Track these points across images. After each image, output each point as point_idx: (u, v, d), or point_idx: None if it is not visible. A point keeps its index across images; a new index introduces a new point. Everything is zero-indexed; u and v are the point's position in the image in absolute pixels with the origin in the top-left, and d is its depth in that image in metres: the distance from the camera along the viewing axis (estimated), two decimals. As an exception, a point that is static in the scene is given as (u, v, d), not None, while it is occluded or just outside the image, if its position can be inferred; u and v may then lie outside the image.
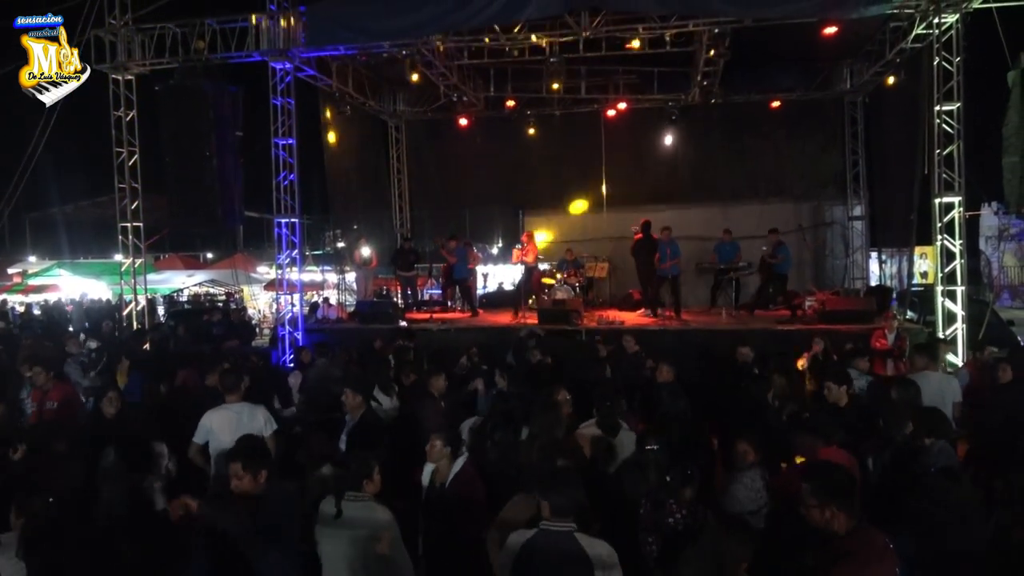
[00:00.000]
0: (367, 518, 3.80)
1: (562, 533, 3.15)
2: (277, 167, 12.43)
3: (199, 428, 5.28)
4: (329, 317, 14.73)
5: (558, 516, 3.19)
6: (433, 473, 4.54)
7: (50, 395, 6.68)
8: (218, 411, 5.32)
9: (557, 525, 3.17)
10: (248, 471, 3.62)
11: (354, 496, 3.84)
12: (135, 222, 13.49)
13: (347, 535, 3.76)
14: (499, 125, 17.20)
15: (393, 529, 3.82)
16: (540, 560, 3.13)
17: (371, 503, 3.86)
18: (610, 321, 12.38)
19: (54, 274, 25.25)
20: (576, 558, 3.10)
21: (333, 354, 9.08)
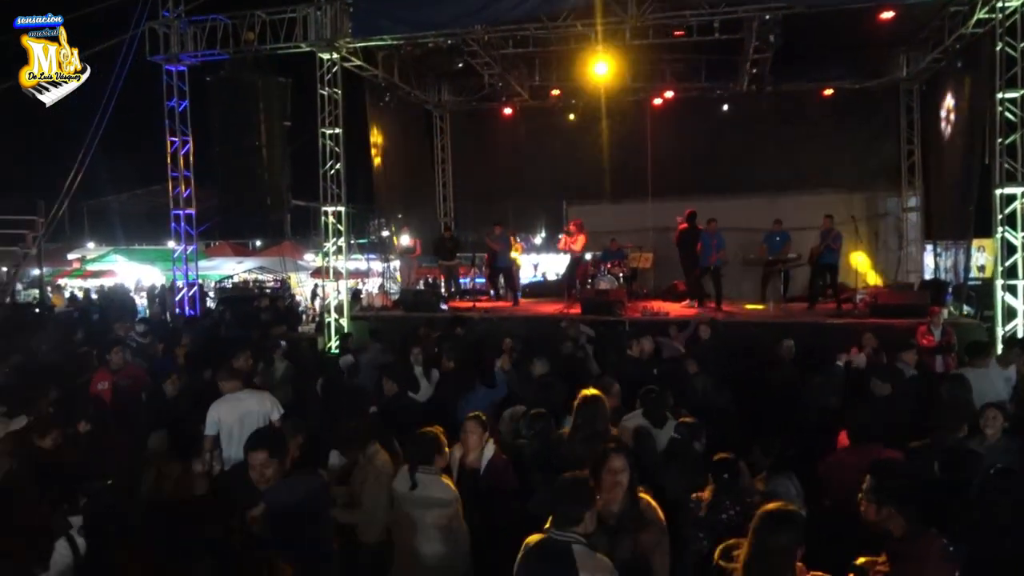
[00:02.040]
0: (437, 490, 4.03)
1: (561, 542, 3.09)
2: (324, 157, 12.60)
3: (208, 420, 5.31)
4: (374, 304, 14.91)
5: (559, 527, 3.13)
6: (462, 457, 4.59)
7: (122, 375, 6.91)
8: (224, 401, 5.39)
9: (562, 535, 3.11)
10: (275, 459, 3.65)
11: (425, 469, 4.05)
12: (187, 210, 13.83)
13: (419, 506, 4.01)
14: (543, 114, 17.13)
15: (459, 502, 4.07)
16: (535, 565, 3.11)
17: (439, 478, 4.08)
18: (654, 312, 12.26)
19: (111, 260, 26.08)
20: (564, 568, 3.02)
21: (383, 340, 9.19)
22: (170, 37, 13.01)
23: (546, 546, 3.11)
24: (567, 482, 3.25)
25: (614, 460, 3.59)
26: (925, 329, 9.21)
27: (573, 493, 3.18)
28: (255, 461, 3.62)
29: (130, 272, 25.40)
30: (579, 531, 3.11)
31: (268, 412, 5.35)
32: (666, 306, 13.07)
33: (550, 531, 3.14)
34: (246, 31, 12.59)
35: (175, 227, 13.97)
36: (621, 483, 3.55)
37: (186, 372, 7.26)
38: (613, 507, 3.54)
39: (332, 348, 12.24)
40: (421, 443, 4.19)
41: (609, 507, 3.53)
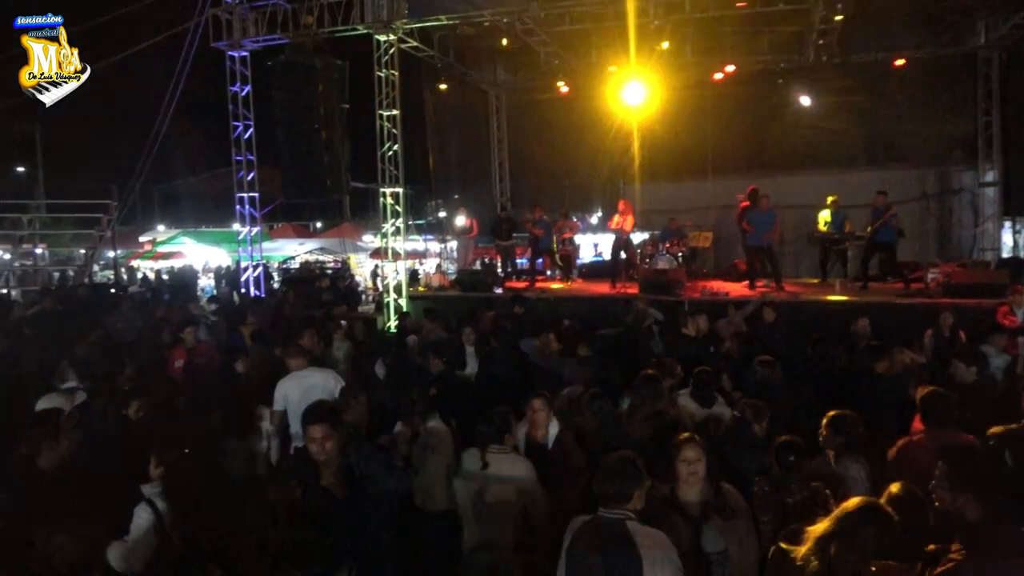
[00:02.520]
0: (512, 468, 4.01)
1: (614, 520, 3.06)
2: (381, 138, 12.72)
3: (276, 396, 5.44)
4: (431, 285, 15.07)
5: (606, 504, 3.11)
6: (527, 434, 4.59)
7: (196, 352, 7.18)
8: (291, 377, 5.52)
9: (612, 512, 3.08)
10: (335, 432, 3.64)
11: (497, 448, 4.05)
12: (251, 193, 14.18)
13: (493, 485, 3.99)
14: (601, 92, 16.88)
15: (535, 479, 4.04)
16: (592, 543, 3.06)
17: (513, 455, 4.08)
18: (713, 292, 12.05)
19: (179, 242, 27.03)
20: (626, 544, 2.99)
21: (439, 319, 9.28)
22: (232, 23, 13.29)
23: (599, 526, 3.08)
24: (615, 460, 3.22)
25: (687, 450, 3.50)
26: (1007, 309, 8.75)
27: (621, 471, 3.14)
28: (314, 435, 3.64)
29: (198, 253, 26.28)
30: (628, 508, 3.08)
31: (332, 389, 5.44)
32: (726, 286, 12.81)
33: (599, 511, 3.12)
34: (305, 15, 12.77)
35: (239, 209, 14.36)
36: (697, 472, 3.47)
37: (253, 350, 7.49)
38: (693, 497, 3.47)
39: (391, 327, 12.43)
40: (493, 422, 4.16)
41: (688, 497, 3.47)
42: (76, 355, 6.96)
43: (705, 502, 3.46)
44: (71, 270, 17.23)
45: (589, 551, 3.04)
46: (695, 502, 3.46)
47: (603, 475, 3.16)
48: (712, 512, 3.43)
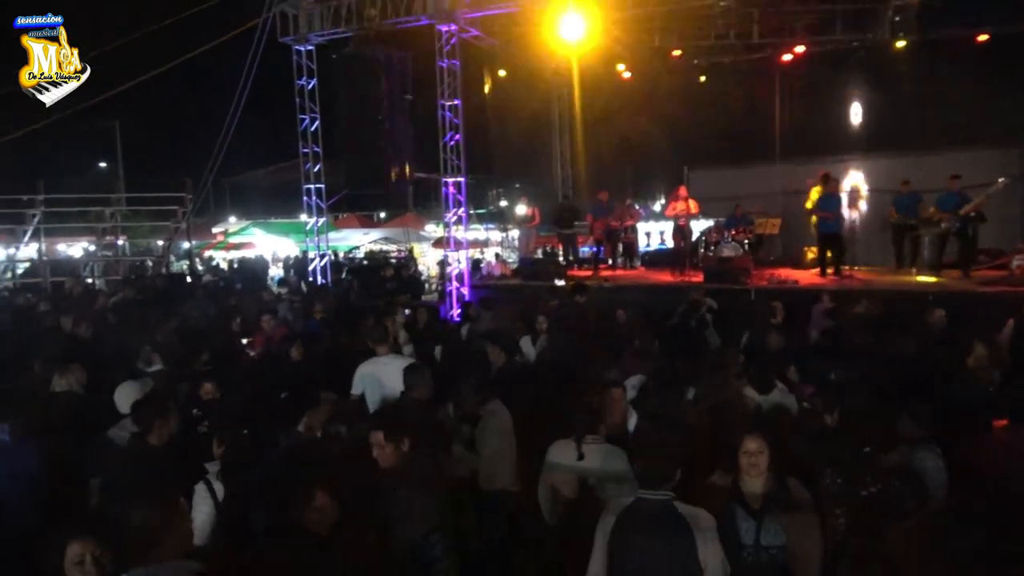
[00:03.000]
0: (609, 461, 3.86)
1: (659, 501, 3.04)
2: (443, 128, 12.81)
3: (355, 380, 5.58)
4: (493, 274, 15.14)
5: (648, 486, 3.08)
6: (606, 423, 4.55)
7: (274, 338, 7.44)
8: (371, 362, 5.63)
9: (653, 494, 3.06)
10: (391, 440, 3.68)
11: (592, 439, 3.91)
12: (317, 184, 14.50)
13: (590, 478, 3.84)
14: (664, 77, 16.60)
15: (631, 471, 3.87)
16: (640, 526, 3.05)
17: (608, 446, 3.92)
18: (781, 280, 11.74)
19: (250, 233, 27.87)
20: (677, 523, 2.99)
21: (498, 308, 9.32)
22: (298, 18, 13.59)
23: (642, 507, 3.07)
24: (655, 442, 3.21)
25: (749, 442, 3.46)
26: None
27: (662, 452, 3.13)
28: (374, 440, 3.71)
29: (267, 244, 27.06)
30: (668, 489, 3.07)
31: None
32: (795, 273, 12.46)
33: (639, 492, 3.10)
34: (368, 8, 12.94)
35: (306, 201, 14.71)
36: (758, 465, 3.42)
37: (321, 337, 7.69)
38: (755, 489, 3.42)
39: (454, 316, 12.56)
40: (586, 411, 4.05)
41: (750, 489, 3.43)
42: (155, 341, 7.27)
43: (767, 494, 3.40)
44: (149, 260, 18.00)
45: (640, 535, 3.03)
46: (757, 494, 3.41)
47: (644, 457, 3.15)
48: (774, 505, 3.38)
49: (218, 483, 3.76)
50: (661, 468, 3.08)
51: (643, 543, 3.00)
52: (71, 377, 5.24)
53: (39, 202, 15.08)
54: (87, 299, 10.31)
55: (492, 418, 4.65)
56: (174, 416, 4.19)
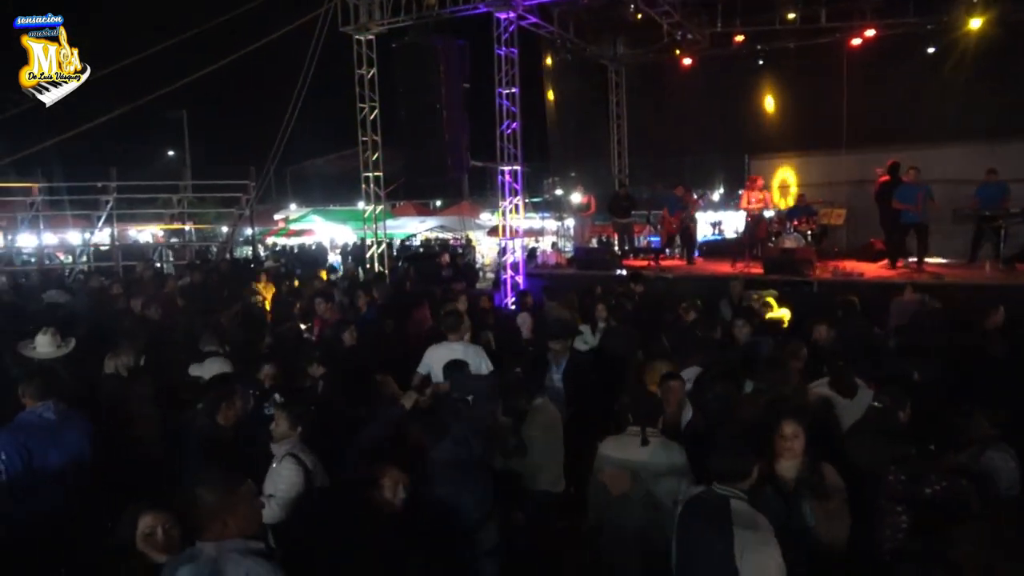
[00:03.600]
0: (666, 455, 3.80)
1: (721, 496, 3.02)
2: (500, 116, 12.80)
3: (423, 361, 5.74)
4: (548, 263, 15.11)
5: (721, 480, 3.06)
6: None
7: (329, 323, 7.64)
8: (440, 347, 5.72)
9: (724, 489, 3.03)
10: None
11: (651, 432, 3.85)
12: (376, 172, 14.68)
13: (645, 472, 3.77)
14: (726, 63, 16.23)
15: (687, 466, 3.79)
16: (695, 518, 3.08)
17: (665, 439, 3.86)
18: (846, 272, 11.38)
19: (310, 220, 28.46)
20: (720, 522, 2.94)
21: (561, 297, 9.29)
22: (359, 8, 13.74)
23: (705, 499, 3.08)
24: (731, 437, 3.20)
25: (785, 426, 3.51)
26: None
27: (736, 448, 3.11)
28: None
29: (326, 231, 27.59)
30: (743, 487, 3.03)
31: (477, 366, 5.54)
32: (860, 266, 12.08)
33: (712, 485, 3.09)
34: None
35: (365, 188, 14.90)
36: (793, 449, 3.48)
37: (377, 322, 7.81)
38: (789, 473, 3.47)
39: (510, 304, 12.59)
40: (647, 402, 3.98)
41: (784, 473, 3.47)
42: (219, 325, 7.50)
43: (799, 478, 3.44)
44: (214, 246, 18.57)
45: (690, 527, 3.08)
46: (790, 478, 3.44)
47: (719, 452, 3.13)
48: (805, 489, 3.41)
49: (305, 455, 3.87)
50: (733, 464, 3.06)
51: (689, 535, 3.04)
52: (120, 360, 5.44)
53: (112, 189, 15.68)
54: (156, 283, 10.69)
55: (538, 414, 4.58)
56: (240, 398, 4.30)
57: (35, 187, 15.71)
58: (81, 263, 16.01)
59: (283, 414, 4.07)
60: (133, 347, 5.64)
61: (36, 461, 3.91)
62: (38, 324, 6.08)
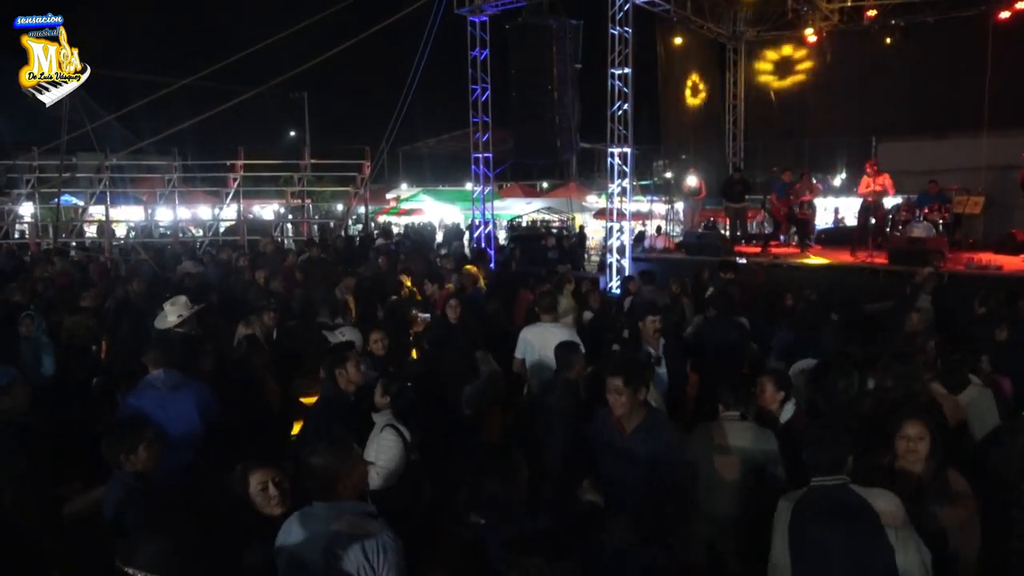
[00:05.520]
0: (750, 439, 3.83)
1: (835, 486, 2.90)
2: (612, 97, 12.61)
3: (518, 343, 5.82)
4: (656, 247, 14.84)
5: (821, 472, 2.95)
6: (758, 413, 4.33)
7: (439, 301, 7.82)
8: (534, 327, 5.84)
9: (827, 479, 2.93)
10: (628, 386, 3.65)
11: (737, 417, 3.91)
12: (485, 153, 14.82)
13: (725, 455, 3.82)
14: (855, 40, 15.31)
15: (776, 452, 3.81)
16: (820, 514, 2.91)
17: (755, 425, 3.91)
18: (983, 265, 10.55)
19: (419, 199, 29.19)
20: (859, 508, 2.82)
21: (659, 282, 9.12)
22: (464, -12, 13.86)
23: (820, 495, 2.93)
24: (827, 429, 3.10)
25: (908, 427, 3.34)
26: None
27: (835, 438, 3.00)
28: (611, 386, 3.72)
29: (435, 210, 28.21)
30: (843, 475, 2.94)
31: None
32: (998, 259, 11.14)
33: (813, 480, 2.98)
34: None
35: (475, 169, 15.08)
36: (916, 451, 3.30)
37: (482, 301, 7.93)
38: (912, 477, 3.30)
39: (613, 288, 12.46)
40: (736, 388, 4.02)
41: (907, 477, 3.31)
42: (333, 297, 7.84)
43: (924, 482, 3.27)
44: (331, 223, 19.36)
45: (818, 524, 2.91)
46: (913, 482, 3.28)
47: (818, 444, 3.02)
48: (932, 493, 3.23)
49: (404, 428, 4.00)
50: (834, 455, 2.96)
51: (826, 532, 2.89)
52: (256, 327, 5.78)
53: (239, 167, 16.61)
54: (278, 257, 11.26)
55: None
56: (353, 365, 4.47)
57: (172, 165, 16.91)
58: (210, 237, 17.10)
59: (382, 386, 4.24)
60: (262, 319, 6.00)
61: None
62: (175, 292, 6.54)
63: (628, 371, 3.72)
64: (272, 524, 2.83)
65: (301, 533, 2.65)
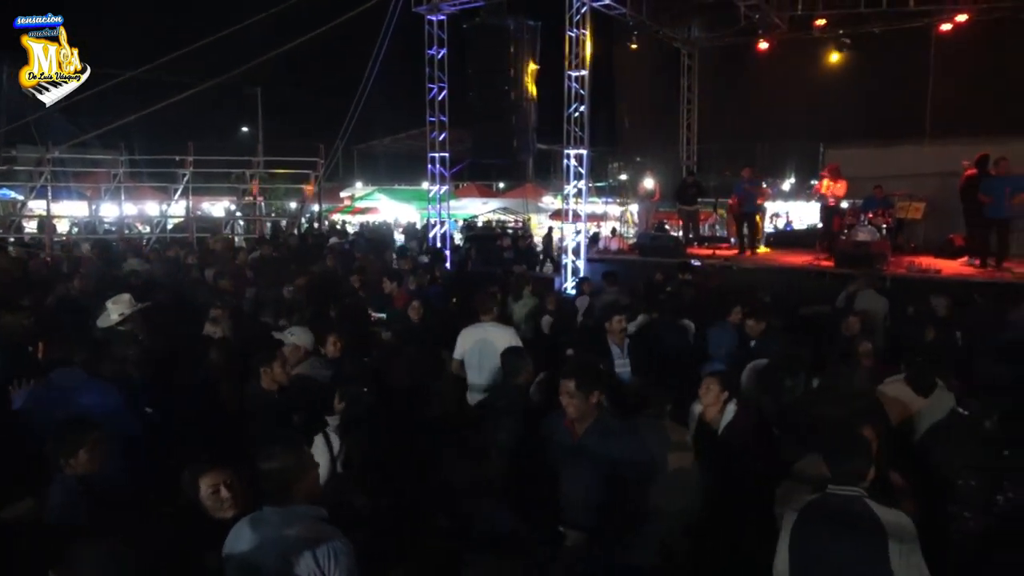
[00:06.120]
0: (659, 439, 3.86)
1: (851, 498, 2.86)
2: (568, 99, 12.67)
3: (457, 344, 5.68)
4: (610, 248, 14.97)
5: (840, 482, 2.91)
6: (701, 414, 4.41)
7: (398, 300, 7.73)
8: (473, 328, 5.71)
9: (844, 489, 2.88)
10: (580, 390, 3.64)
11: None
12: (442, 153, 14.76)
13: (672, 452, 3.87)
14: (805, 48, 15.70)
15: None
16: (825, 523, 2.87)
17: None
18: (923, 269, 10.91)
19: (375, 198, 28.94)
20: (868, 524, 2.79)
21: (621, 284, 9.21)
22: (433, -13, 13.78)
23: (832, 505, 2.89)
24: (850, 436, 3.08)
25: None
26: None
27: (856, 447, 2.98)
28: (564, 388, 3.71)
29: (390, 209, 27.98)
30: (864, 486, 2.90)
31: (507, 344, 5.50)
32: (938, 263, 11.54)
33: (829, 487, 2.93)
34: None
35: (431, 169, 15.01)
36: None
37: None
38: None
39: (568, 289, 12.53)
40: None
41: None
42: (283, 298, 7.70)
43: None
44: (283, 221, 19.03)
45: (825, 533, 2.86)
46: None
47: (838, 451, 3.00)
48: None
49: (335, 436, 3.92)
50: (853, 463, 2.93)
51: (828, 542, 2.85)
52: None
53: (188, 163, 16.21)
54: (228, 254, 11.02)
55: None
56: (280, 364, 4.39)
57: (118, 160, 16.41)
58: (158, 234, 16.65)
59: (338, 391, 4.16)
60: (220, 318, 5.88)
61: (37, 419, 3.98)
62: (120, 290, 6.34)
63: (581, 374, 3.71)
64: (225, 528, 2.77)
65: (252, 539, 2.58)
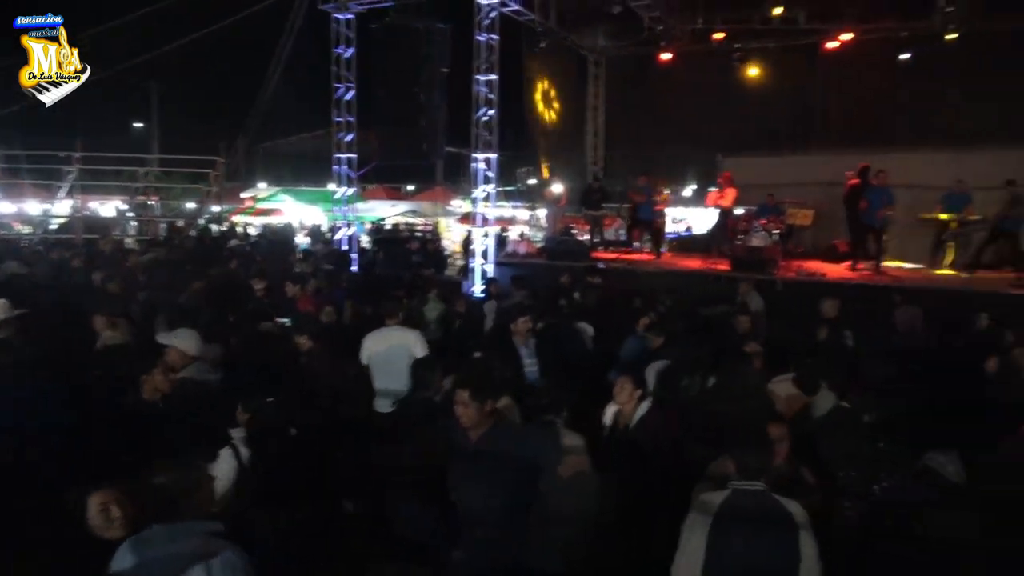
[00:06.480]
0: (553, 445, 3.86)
1: (757, 492, 2.96)
2: (477, 103, 12.71)
3: (362, 349, 5.63)
4: (518, 252, 15.09)
5: (746, 476, 3.01)
6: (616, 414, 4.49)
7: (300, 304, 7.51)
8: (376, 333, 5.72)
9: (749, 484, 2.98)
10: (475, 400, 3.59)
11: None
12: (348, 154, 14.50)
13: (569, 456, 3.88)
14: (704, 60, 16.31)
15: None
16: (741, 519, 2.94)
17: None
18: (810, 273, 11.57)
19: (279, 199, 28.02)
20: (780, 517, 2.91)
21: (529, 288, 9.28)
22: (340, -15, 13.52)
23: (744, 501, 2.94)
24: (758, 432, 3.22)
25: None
26: None
27: (763, 443, 3.12)
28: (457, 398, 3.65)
29: (295, 211, 27.19)
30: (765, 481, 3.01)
31: (410, 348, 5.52)
32: (823, 267, 12.28)
33: (731, 483, 3.00)
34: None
35: (337, 170, 14.71)
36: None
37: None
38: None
39: (477, 292, 12.54)
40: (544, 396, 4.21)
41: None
42: (179, 302, 7.36)
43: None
44: (179, 222, 18.19)
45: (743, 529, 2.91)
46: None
47: (747, 447, 3.07)
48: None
49: (244, 448, 3.77)
50: (761, 459, 3.03)
51: (749, 538, 2.89)
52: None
53: (76, 159, 15.26)
54: (118, 256, 10.44)
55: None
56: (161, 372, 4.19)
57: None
58: (40, 234, 15.58)
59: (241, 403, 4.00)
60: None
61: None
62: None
63: (475, 383, 3.66)
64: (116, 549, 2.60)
65: (132, 560, 2.44)
